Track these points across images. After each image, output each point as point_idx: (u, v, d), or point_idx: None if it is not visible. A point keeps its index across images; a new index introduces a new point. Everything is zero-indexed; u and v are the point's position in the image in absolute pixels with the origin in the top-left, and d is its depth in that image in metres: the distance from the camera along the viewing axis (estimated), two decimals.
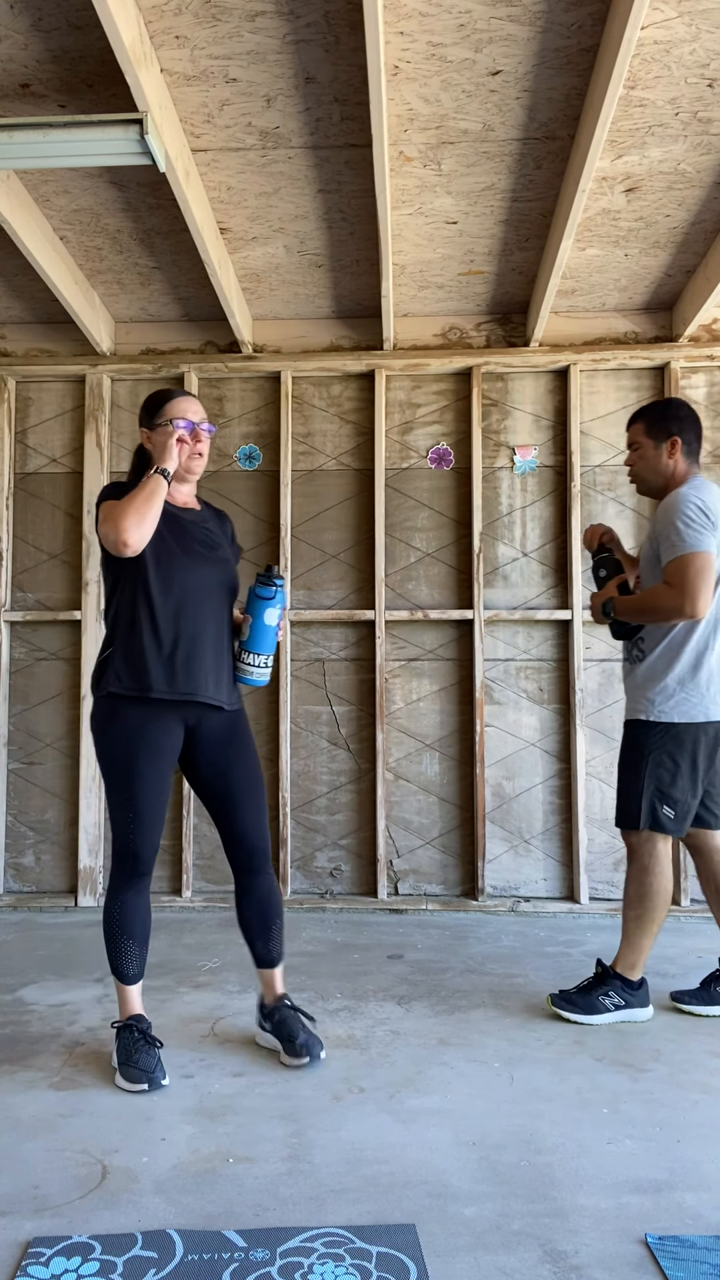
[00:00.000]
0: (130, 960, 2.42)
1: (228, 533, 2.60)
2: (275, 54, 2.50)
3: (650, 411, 2.82)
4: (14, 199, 3.10)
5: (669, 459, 2.77)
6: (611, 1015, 2.70)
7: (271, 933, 2.51)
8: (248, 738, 2.54)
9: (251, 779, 2.50)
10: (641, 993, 2.73)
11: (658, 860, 2.69)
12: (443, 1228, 1.72)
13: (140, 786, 2.37)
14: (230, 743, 2.49)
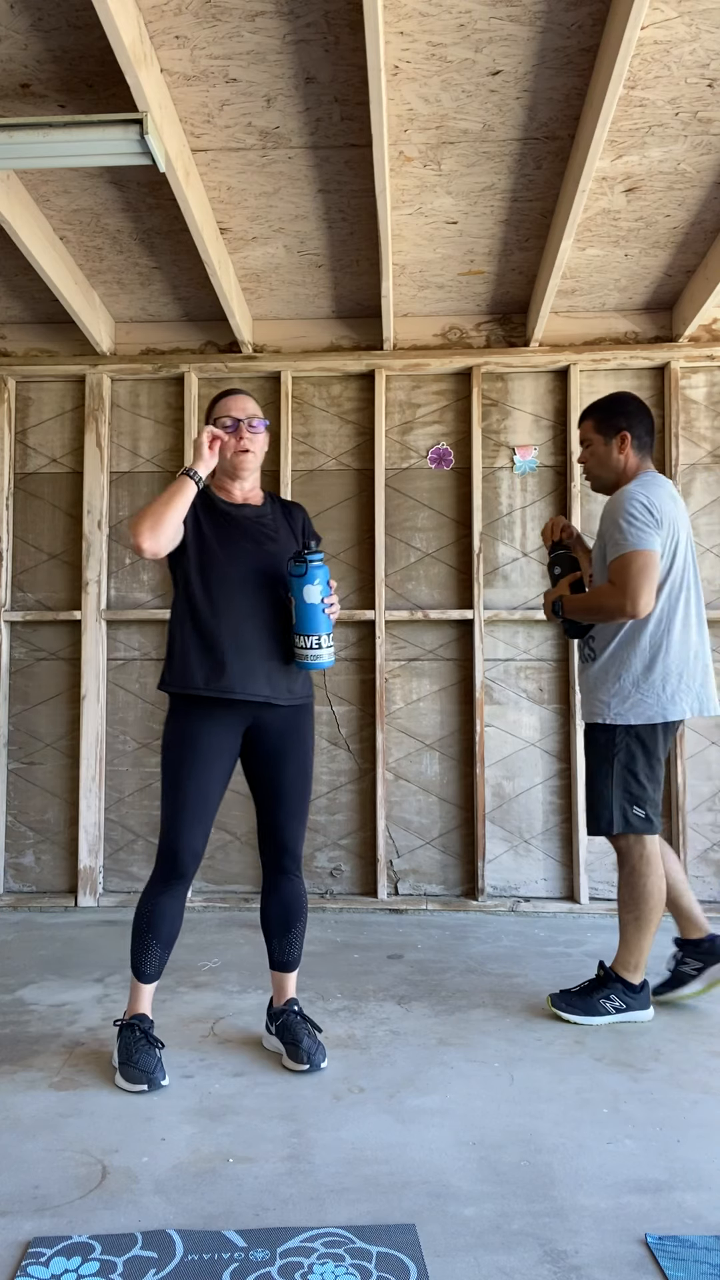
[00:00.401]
0: (150, 960, 2.39)
1: (296, 525, 2.55)
2: (275, 54, 2.50)
3: (599, 407, 2.81)
4: (14, 199, 3.10)
5: (619, 454, 2.77)
6: (611, 1018, 2.70)
7: (290, 936, 2.50)
8: (304, 736, 2.48)
9: (296, 780, 2.46)
10: (643, 995, 2.73)
11: (648, 861, 2.69)
12: (443, 1228, 1.72)
13: (184, 785, 2.36)
14: (285, 740, 2.45)
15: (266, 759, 2.46)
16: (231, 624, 2.37)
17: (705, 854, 3.98)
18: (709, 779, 4.01)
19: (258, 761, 2.47)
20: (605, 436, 2.79)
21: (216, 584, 2.39)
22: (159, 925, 2.38)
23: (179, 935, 2.46)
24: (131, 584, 4.23)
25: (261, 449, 2.48)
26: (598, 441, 2.80)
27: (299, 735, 2.47)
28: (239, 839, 4.08)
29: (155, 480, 4.24)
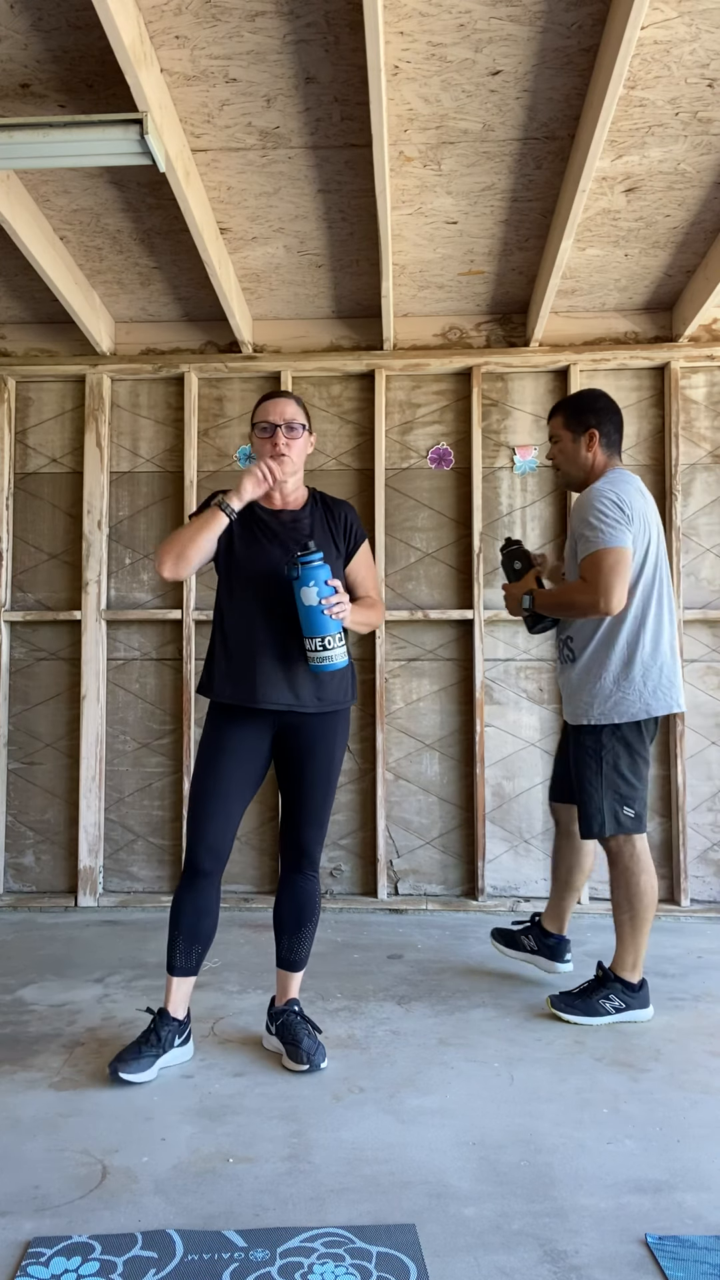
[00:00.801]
0: (175, 952, 2.43)
1: (339, 524, 2.51)
2: (275, 54, 2.50)
3: (569, 404, 2.84)
4: (14, 199, 3.10)
5: (587, 451, 2.80)
6: (611, 1018, 2.71)
7: (300, 935, 2.52)
8: (330, 742, 2.46)
9: (318, 786, 2.46)
10: (642, 994, 2.73)
11: (639, 860, 2.71)
12: (443, 1228, 1.72)
13: (204, 784, 2.40)
14: (311, 745, 2.45)
15: (291, 762, 2.47)
16: (254, 631, 2.39)
17: (705, 854, 3.98)
18: (709, 779, 4.01)
19: (284, 764, 2.49)
20: (574, 433, 2.81)
21: (241, 591, 2.42)
22: (179, 918, 2.42)
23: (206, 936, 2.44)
24: (131, 584, 4.23)
25: (300, 453, 2.46)
26: (566, 438, 2.82)
27: (327, 742, 2.46)
28: (240, 839, 4.07)
29: (155, 480, 4.24)
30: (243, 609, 2.42)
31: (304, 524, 2.48)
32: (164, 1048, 2.38)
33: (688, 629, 4.03)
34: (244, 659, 2.39)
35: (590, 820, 2.73)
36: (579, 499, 2.72)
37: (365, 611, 2.48)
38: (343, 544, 2.50)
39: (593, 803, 2.72)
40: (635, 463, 4.11)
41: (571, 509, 2.75)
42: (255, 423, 2.47)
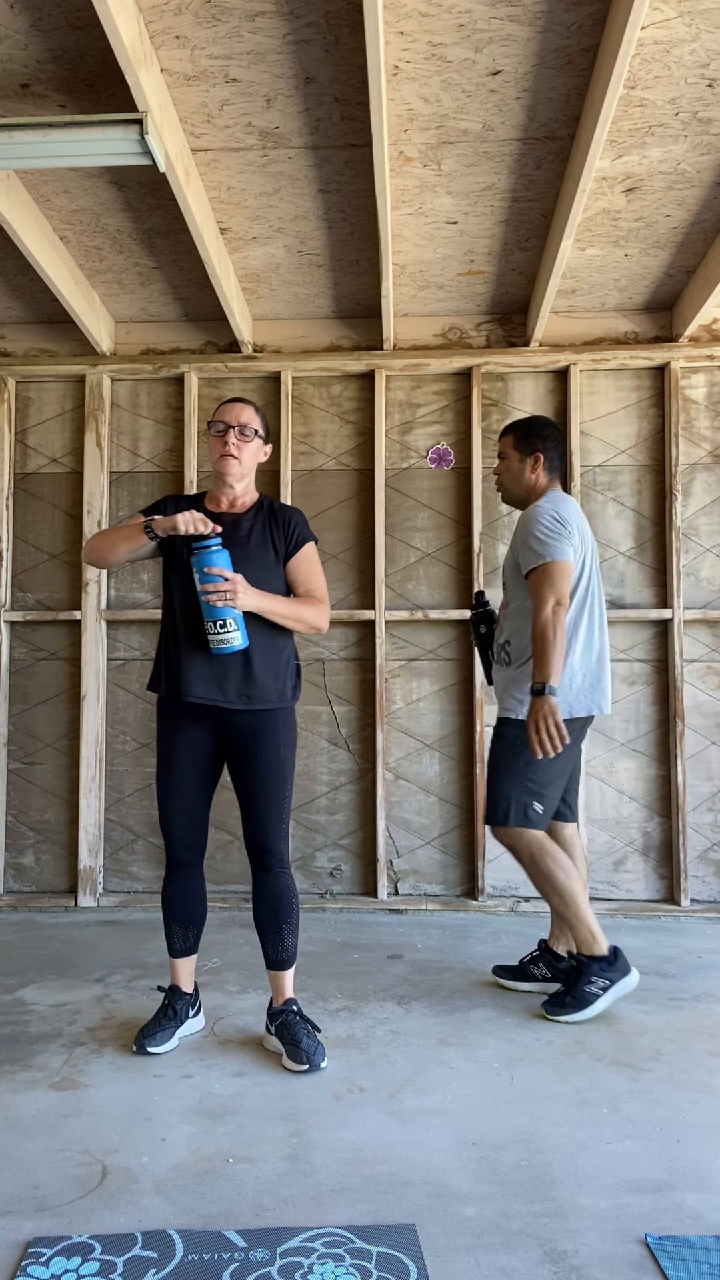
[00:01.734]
0: (171, 936, 2.60)
1: (281, 527, 2.56)
2: (275, 54, 2.50)
3: (519, 427, 3.01)
4: (14, 199, 3.10)
5: (531, 473, 2.97)
6: (605, 998, 2.74)
7: (282, 932, 2.53)
8: (272, 739, 2.51)
9: (268, 779, 2.50)
10: (620, 962, 2.78)
11: (541, 846, 2.80)
12: (443, 1228, 1.72)
13: (163, 780, 2.55)
14: (251, 742, 2.50)
15: (237, 759, 2.53)
16: (182, 630, 2.48)
17: (705, 854, 3.98)
18: (709, 779, 4.01)
19: (231, 762, 2.56)
20: (521, 454, 2.98)
21: (180, 592, 2.50)
22: (170, 906, 2.59)
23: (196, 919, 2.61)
24: (131, 584, 4.23)
25: (250, 458, 2.55)
26: (514, 458, 2.99)
27: (268, 736, 2.51)
28: (238, 839, 4.07)
29: (155, 480, 4.24)
30: (183, 608, 2.50)
31: (244, 525, 2.54)
32: (180, 1019, 2.57)
33: (688, 629, 4.03)
34: (176, 654, 2.49)
35: (496, 808, 2.83)
36: (523, 516, 2.90)
37: (292, 606, 2.50)
38: (282, 545, 2.55)
39: (501, 792, 2.82)
40: (635, 462, 4.11)
41: (516, 525, 2.92)
42: (210, 422, 2.56)
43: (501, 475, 3.02)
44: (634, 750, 4.05)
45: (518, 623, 2.88)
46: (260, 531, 2.55)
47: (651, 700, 4.05)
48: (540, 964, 3.00)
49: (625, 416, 4.13)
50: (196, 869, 2.59)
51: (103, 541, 2.51)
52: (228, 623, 2.38)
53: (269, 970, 2.56)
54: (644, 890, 4.01)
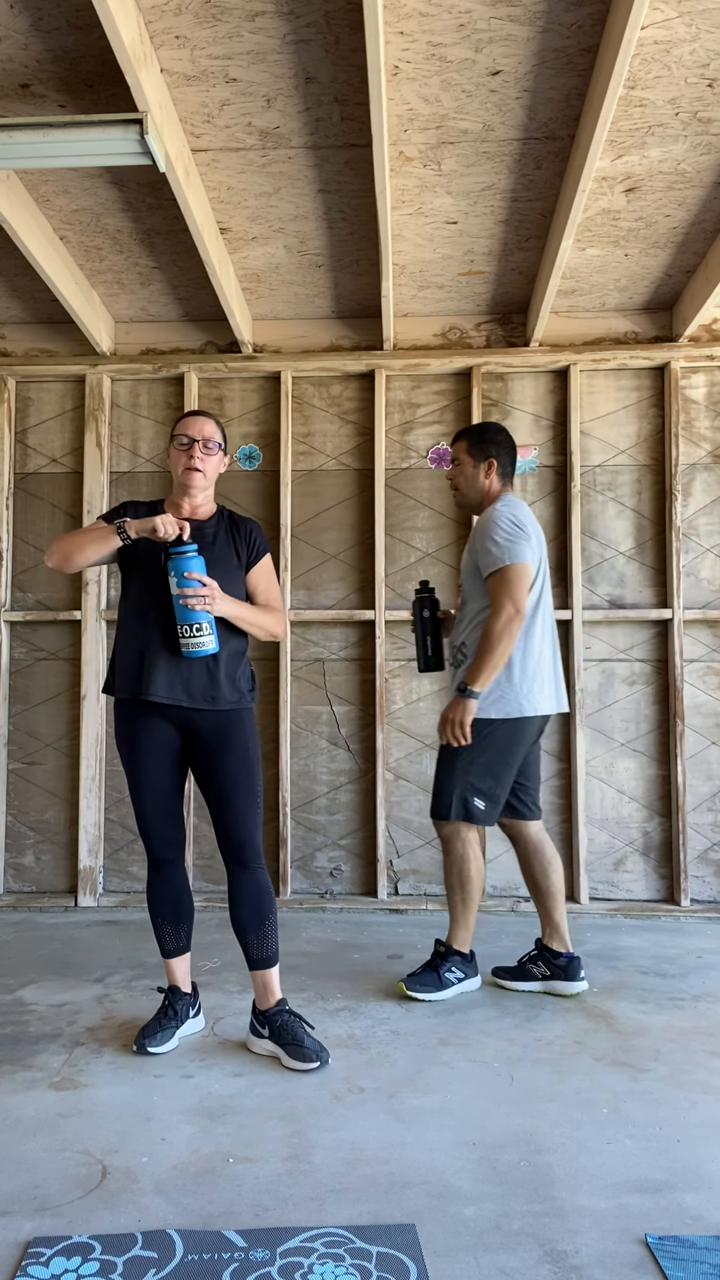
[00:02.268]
0: (162, 936, 2.62)
1: (243, 538, 2.61)
2: (275, 54, 2.50)
3: (473, 432, 3.08)
4: (14, 199, 3.10)
5: (485, 478, 3.05)
6: (455, 988, 2.94)
7: (264, 929, 2.51)
8: (239, 736, 2.53)
9: (238, 775, 2.51)
10: (473, 964, 3.00)
11: (471, 846, 2.95)
12: (443, 1228, 1.72)
13: (134, 781, 2.56)
14: (219, 741, 2.52)
15: (205, 760, 2.54)
16: (150, 632, 2.49)
17: (705, 854, 3.98)
18: (709, 779, 4.01)
19: (198, 764, 2.56)
20: (475, 460, 3.05)
21: (140, 594, 2.52)
22: (157, 906, 2.60)
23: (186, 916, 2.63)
24: None
25: (212, 469, 2.58)
26: (468, 463, 3.06)
27: (235, 733, 2.53)
28: None
29: (155, 480, 4.24)
30: (138, 607, 2.52)
31: (207, 532, 2.57)
32: (180, 1019, 2.58)
33: (688, 629, 4.03)
34: (136, 655, 2.49)
35: (439, 801, 2.94)
36: (481, 520, 2.97)
37: (256, 614, 2.56)
38: (244, 554, 2.61)
39: (446, 785, 2.92)
40: (635, 462, 4.12)
41: (474, 529, 2.99)
42: (174, 434, 2.57)
43: (456, 480, 3.09)
44: (634, 750, 4.05)
45: (473, 624, 2.95)
46: (224, 539, 2.59)
47: (651, 700, 4.05)
48: (539, 962, 3.02)
49: (625, 416, 4.13)
50: (179, 865, 2.62)
51: (71, 544, 2.47)
52: (202, 626, 2.41)
53: (254, 971, 2.53)
54: (644, 890, 4.01)
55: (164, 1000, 2.60)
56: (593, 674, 4.07)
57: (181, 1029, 2.58)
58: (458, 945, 2.98)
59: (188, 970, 2.65)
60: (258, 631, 2.57)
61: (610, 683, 4.07)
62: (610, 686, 4.07)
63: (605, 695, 4.07)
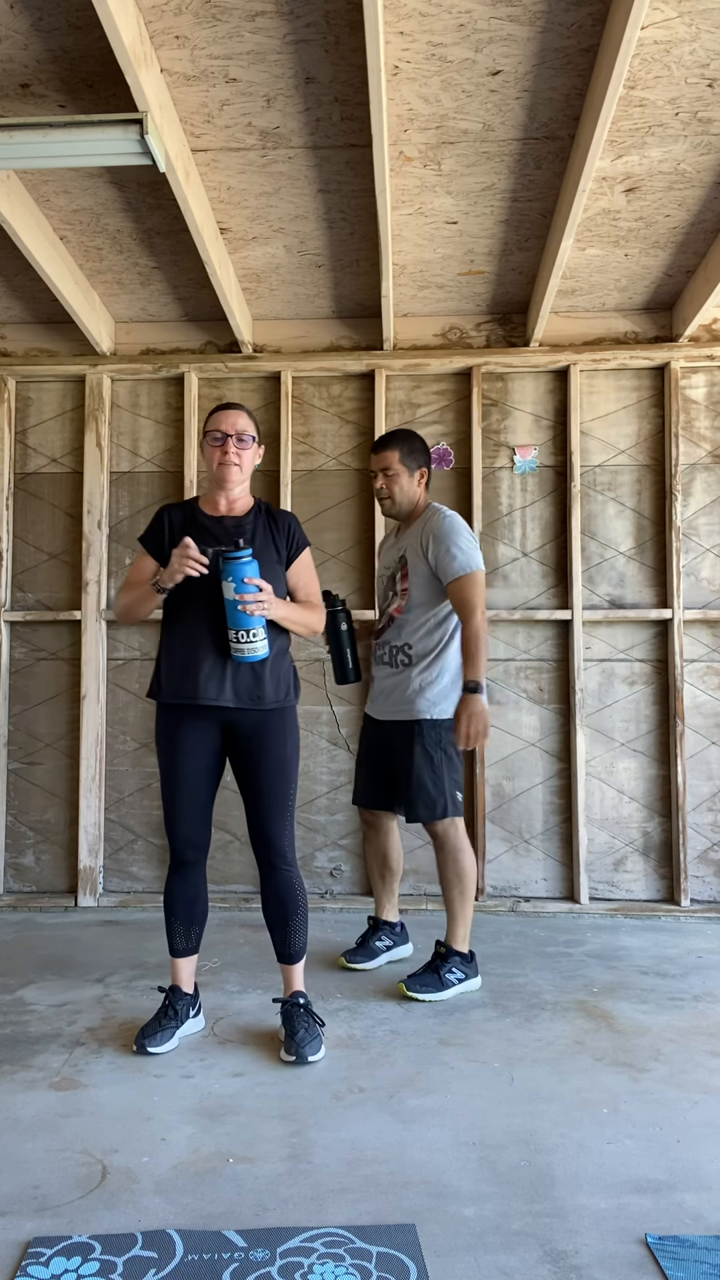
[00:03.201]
0: (173, 935, 2.63)
1: (281, 532, 2.60)
2: (275, 54, 2.50)
3: (403, 442, 3.15)
4: (14, 199, 3.10)
5: (417, 487, 3.16)
6: (455, 989, 2.95)
7: (289, 928, 2.57)
8: (278, 737, 2.54)
9: (273, 777, 2.53)
10: (473, 964, 3.03)
11: (464, 839, 3.04)
12: (443, 1228, 1.72)
13: (166, 781, 2.57)
14: (256, 741, 2.53)
15: (243, 759, 2.56)
16: (194, 633, 2.50)
17: (705, 854, 3.98)
18: (709, 779, 4.01)
19: (236, 762, 2.58)
20: (409, 469, 3.14)
21: (183, 595, 2.52)
22: (173, 905, 2.62)
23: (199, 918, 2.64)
24: None
25: (249, 463, 2.58)
26: (403, 472, 3.13)
27: (275, 735, 2.54)
28: (239, 839, 4.08)
29: (155, 480, 4.24)
30: (183, 611, 2.53)
31: (245, 529, 2.57)
32: (180, 1020, 2.58)
33: (688, 629, 4.03)
34: (185, 659, 2.50)
35: (434, 805, 3.00)
36: (433, 526, 3.05)
37: (302, 613, 2.57)
38: (284, 549, 2.60)
39: (435, 789, 3.00)
40: (635, 462, 4.12)
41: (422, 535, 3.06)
42: (207, 431, 2.56)
43: (390, 488, 3.13)
44: (634, 750, 4.05)
45: (421, 627, 3.06)
46: (263, 533, 2.59)
47: (651, 700, 4.05)
48: (382, 936, 3.25)
49: (625, 416, 4.13)
50: (199, 868, 2.63)
51: (126, 608, 2.60)
52: (256, 632, 2.41)
53: (279, 963, 2.63)
54: (644, 890, 4.01)
55: (165, 1000, 2.61)
56: (593, 674, 4.07)
57: (182, 1029, 2.59)
58: (458, 945, 3.01)
59: (193, 971, 2.67)
60: (302, 630, 2.58)
61: (610, 683, 4.07)
62: (610, 686, 4.07)
63: (605, 695, 4.07)
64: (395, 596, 3.13)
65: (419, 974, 2.96)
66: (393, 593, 3.15)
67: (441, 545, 3.00)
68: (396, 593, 3.13)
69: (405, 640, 3.08)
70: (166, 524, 2.61)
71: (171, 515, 2.63)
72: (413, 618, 3.08)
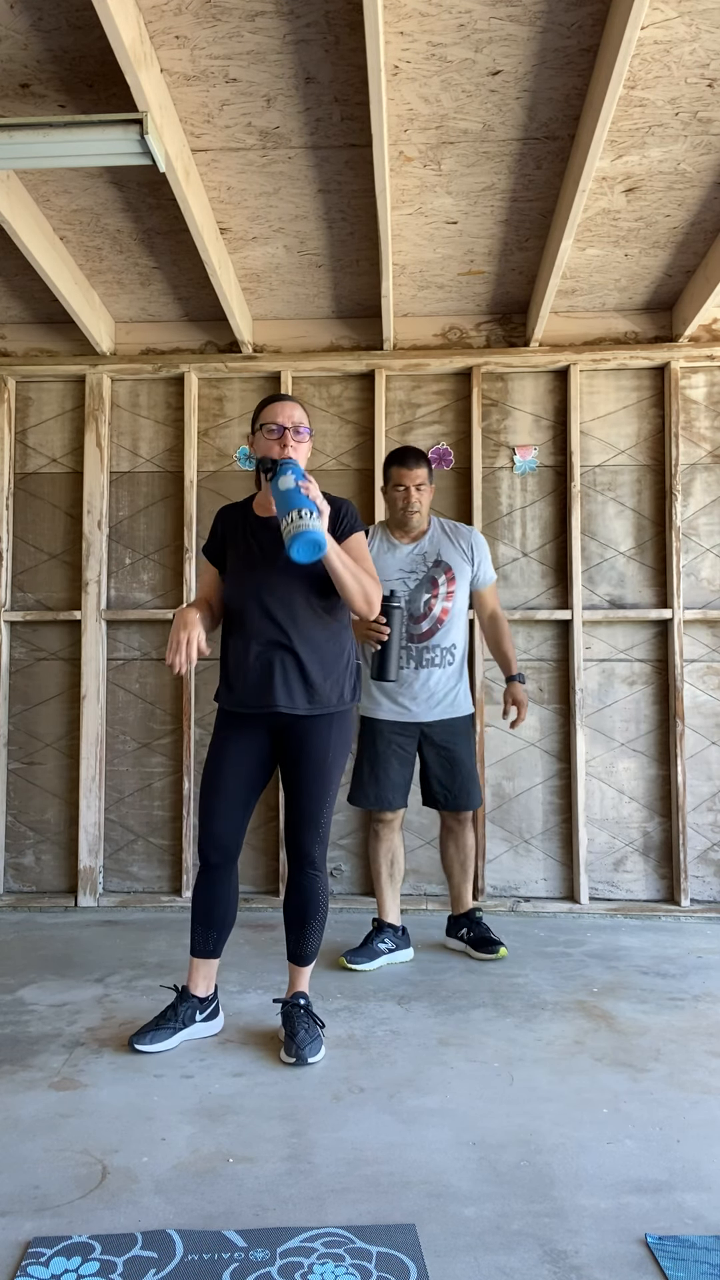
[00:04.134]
0: (195, 937, 2.62)
1: (334, 514, 2.50)
2: (275, 54, 2.50)
3: (425, 459, 3.31)
4: (14, 199, 3.10)
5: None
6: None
7: (305, 930, 2.57)
8: (321, 744, 2.51)
9: (310, 786, 2.52)
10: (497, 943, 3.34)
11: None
12: (443, 1228, 1.72)
13: (209, 778, 2.57)
14: (300, 746, 2.52)
15: (287, 763, 2.56)
16: (241, 641, 2.50)
17: (705, 854, 3.98)
18: (709, 779, 4.01)
19: (282, 766, 2.59)
20: (432, 485, 3.34)
21: (235, 600, 2.52)
22: (195, 906, 2.61)
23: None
24: (131, 584, 4.23)
25: (304, 456, 2.51)
26: (430, 490, 3.31)
27: (319, 744, 2.51)
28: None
29: (155, 480, 4.24)
30: (236, 615, 2.52)
31: None
32: (183, 1022, 2.55)
33: (688, 629, 4.03)
34: (237, 663, 2.50)
35: (478, 792, 3.36)
36: (473, 537, 3.33)
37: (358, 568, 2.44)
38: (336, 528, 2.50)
39: (473, 778, 3.34)
40: (635, 462, 4.12)
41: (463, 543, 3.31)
42: (263, 424, 2.49)
43: (424, 502, 3.28)
44: (634, 750, 4.05)
45: (461, 628, 3.31)
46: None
47: (651, 700, 4.05)
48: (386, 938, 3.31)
49: (625, 416, 4.13)
50: (227, 870, 2.58)
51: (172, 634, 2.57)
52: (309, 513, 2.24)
53: (288, 961, 2.63)
54: (644, 890, 4.01)
55: (174, 998, 2.61)
56: (592, 674, 4.07)
57: (185, 1032, 2.56)
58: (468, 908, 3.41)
59: (208, 975, 2.62)
60: (353, 586, 2.41)
61: (610, 683, 4.07)
62: (610, 686, 4.07)
63: (605, 695, 4.07)
64: (438, 599, 3.25)
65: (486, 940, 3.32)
66: (432, 596, 3.25)
67: (482, 552, 3.33)
68: (439, 596, 3.25)
69: (453, 641, 3.27)
70: (221, 531, 2.61)
71: (225, 520, 2.62)
72: (458, 620, 3.28)
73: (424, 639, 3.25)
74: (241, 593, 2.49)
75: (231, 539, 2.58)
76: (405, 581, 3.26)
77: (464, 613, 3.31)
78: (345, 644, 2.56)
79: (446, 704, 3.28)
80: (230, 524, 2.61)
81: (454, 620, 3.27)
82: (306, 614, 2.47)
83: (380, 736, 3.29)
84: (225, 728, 2.56)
